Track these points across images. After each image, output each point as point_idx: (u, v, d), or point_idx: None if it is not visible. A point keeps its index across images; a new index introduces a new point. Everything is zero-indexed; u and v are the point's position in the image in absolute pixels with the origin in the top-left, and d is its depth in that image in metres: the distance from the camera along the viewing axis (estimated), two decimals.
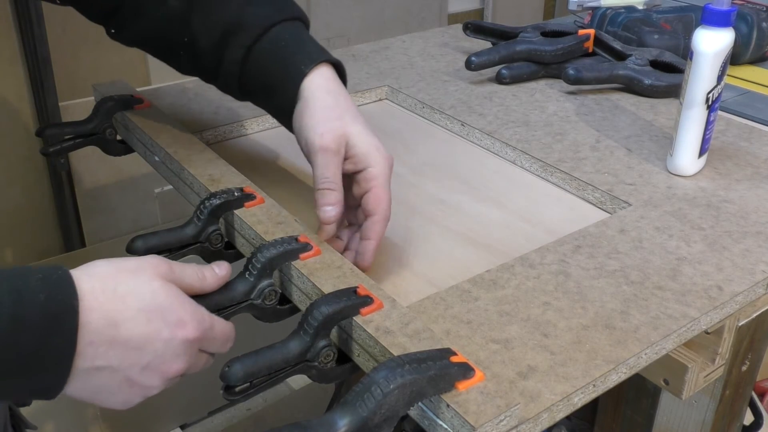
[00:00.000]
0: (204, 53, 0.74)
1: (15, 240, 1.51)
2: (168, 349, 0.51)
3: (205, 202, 0.67)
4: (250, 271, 0.60)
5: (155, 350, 0.51)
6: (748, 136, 0.93)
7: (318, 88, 0.69)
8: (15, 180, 1.48)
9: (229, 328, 0.57)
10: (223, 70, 0.73)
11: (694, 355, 0.69)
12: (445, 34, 1.28)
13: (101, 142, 0.89)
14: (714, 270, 0.67)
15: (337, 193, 0.64)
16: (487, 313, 0.60)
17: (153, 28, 0.76)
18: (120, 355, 0.49)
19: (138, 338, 0.50)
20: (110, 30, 0.79)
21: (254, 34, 0.71)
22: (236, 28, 0.71)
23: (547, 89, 1.06)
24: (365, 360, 0.54)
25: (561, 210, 0.79)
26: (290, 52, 0.70)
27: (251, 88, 0.74)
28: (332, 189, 0.64)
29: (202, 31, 0.73)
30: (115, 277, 0.51)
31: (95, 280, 0.49)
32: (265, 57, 0.71)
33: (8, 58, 1.40)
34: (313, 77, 0.69)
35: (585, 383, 0.53)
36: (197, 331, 0.52)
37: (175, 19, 0.74)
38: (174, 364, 0.52)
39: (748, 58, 1.24)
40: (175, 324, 0.51)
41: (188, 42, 0.74)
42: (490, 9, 2.28)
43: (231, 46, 0.72)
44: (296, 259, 0.61)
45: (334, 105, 0.68)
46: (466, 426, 0.46)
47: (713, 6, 0.76)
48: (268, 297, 0.60)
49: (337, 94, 0.69)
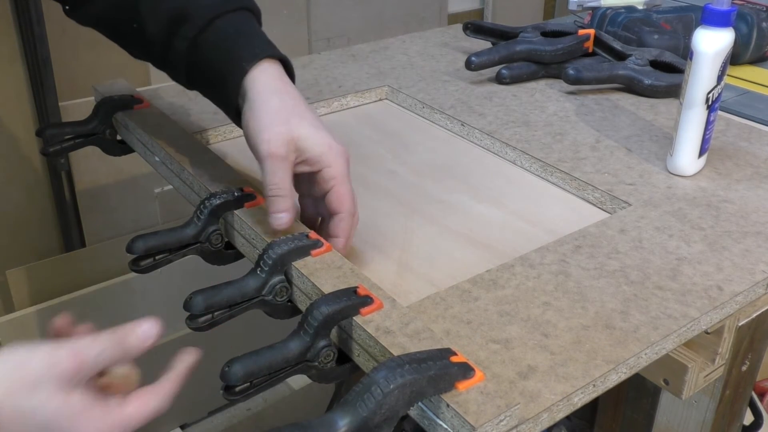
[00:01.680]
0: (152, 40, 0.72)
1: (15, 240, 1.51)
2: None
3: (205, 202, 0.67)
4: (261, 268, 0.60)
5: None
6: (748, 136, 0.93)
7: (263, 88, 0.66)
8: (15, 180, 1.48)
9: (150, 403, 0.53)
10: (171, 60, 0.72)
11: (694, 355, 0.69)
12: (445, 34, 1.28)
13: (101, 142, 0.89)
14: (714, 270, 0.67)
15: (287, 199, 0.63)
16: (487, 313, 0.60)
17: (104, 10, 0.75)
18: None
19: None
20: (65, 7, 0.78)
21: (198, 25, 0.69)
22: (182, 17, 0.69)
23: (547, 89, 1.06)
24: (365, 360, 0.54)
25: (561, 210, 0.79)
26: (234, 45, 0.68)
27: (198, 81, 0.72)
28: (281, 195, 0.63)
29: (150, 18, 0.71)
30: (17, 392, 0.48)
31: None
32: (208, 50, 0.69)
33: (8, 58, 1.40)
34: (255, 74, 0.67)
35: (585, 383, 0.53)
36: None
37: (125, 4, 0.72)
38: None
39: (748, 58, 1.24)
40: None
41: (137, 28, 0.72)
42: (490, 9, 2.28)
43: (176, 36, 0.70)
44: (308, 256, 0.61)
45: (279, 107, 0.65)
46: (466, 426, 0.46)
47: (713, 6, 0.76)
48: (279, 293, 0.60)
49: (282, 92, 0.67)
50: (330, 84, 1.06)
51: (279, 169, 0.63)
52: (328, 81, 1.07)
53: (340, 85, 1.06)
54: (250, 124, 0.65)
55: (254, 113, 0.65)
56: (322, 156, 0.64)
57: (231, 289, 0.58)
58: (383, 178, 0.85)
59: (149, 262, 0.66)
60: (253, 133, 0.65)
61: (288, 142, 0.63)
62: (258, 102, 0.65)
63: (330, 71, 1.10)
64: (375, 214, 0.78)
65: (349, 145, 0.69)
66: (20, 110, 1.44)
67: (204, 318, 0.57)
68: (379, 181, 0.84)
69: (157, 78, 1.57)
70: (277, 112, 0.65)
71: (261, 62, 0.67)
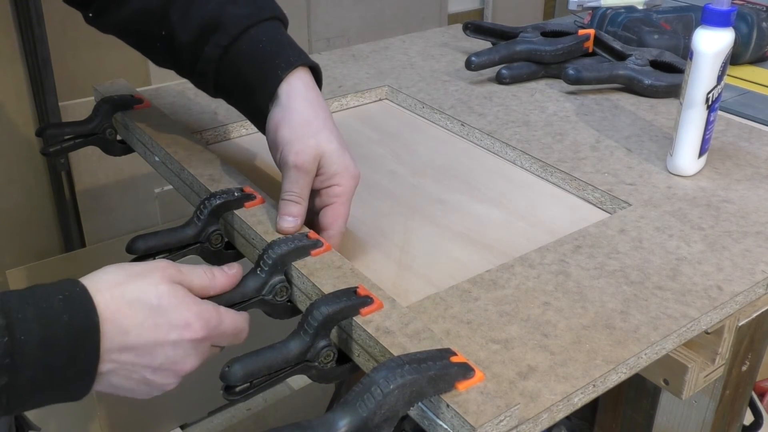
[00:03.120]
0: (181, 48, 0.73)
1: (15, 240, 1.51)
2: (177, 351, 0.53)
3: (205, 202, 0.67)
4: (261, 267, 0.60)
5: (165, 353, 0.53)
6: (748, 136, 0.93)
7: (297, 96, 0.68)
8: (15, 180, 1.48)
9: (241, 319, 0.58)
10: (199, 67, 0.73)
11: (694, 355, 0.69)
12: (445, 34, 1.28)
13: (101, 142, 0.89)
14: (714, 270, 0.67)
15: (300, 207, 0.66)
16: (487, 313, 0.60)
17: (132, 18, 0.75)
18: (132, 359, 0.52)
19: (147, 343, 0.52)
20: (88, 14, 0.79)
21: (232, 34, 0.70)
22: (214, 26, 0.71)
23: (547, 89, 1.06)
24: (365, 360, 0.54)
25: (561, 210, 0.79)
26: (268, 54, 0.70)
27: (227, 88, 0.74)
28: (297, 202, 0.66)
29: (180, 27, 0.72)
30: (124, 283, 0.53)
31: (106, 289, 0.52)
32: (242, 58, 0.71)
33: (8, 58, 1.40)
34: (290, 81, 0.69)
35: (585, 383, 0.53)
36: (204, 331, 0.54)
37: (154, 12, 0.73)
38: (185, 364, 0.54)
39: (748, 58, 1.24)
40: (182, 326, 0.53)
41: (166, 35, 0.73)
42: (490, 9, 2.28)
43: (208, 44, 0.71)
44: (307, 255, 0.61)
45: (311, 118, 0.68)
46: (466, 426, 0.46)
47: (713, 6, 0.76)
48: (279, 293, 0.60)
49: (316, 104, 0.69)
50: (330, 84, 1.06)
51: (301, 180, 0.66)
52: (328, 81, 1.06)
53: (340, 85, 1.06)
54: (281, 131, 0.67)
55: (287, 121, 0.67)
56: (337, 175, 0.67)
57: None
58: (383, 178, 0.85)
59: None
60: (282, 140, 0.67)
61: (315, 157, 0.66)
62: (292, 110, 0.68)
63: (330, 71, 1.10)
64: (375, 214, 0.78)
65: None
66: (20, 110, 1.44)
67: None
68: (379, 181, 0.84)
69: (157, 78, 1.57)
70: (309, 123, 0.67)
71: (295, 70, 0.69)
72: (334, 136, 0.68)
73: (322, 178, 0.67)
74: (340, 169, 0.67)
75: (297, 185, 0.66)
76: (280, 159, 0.67)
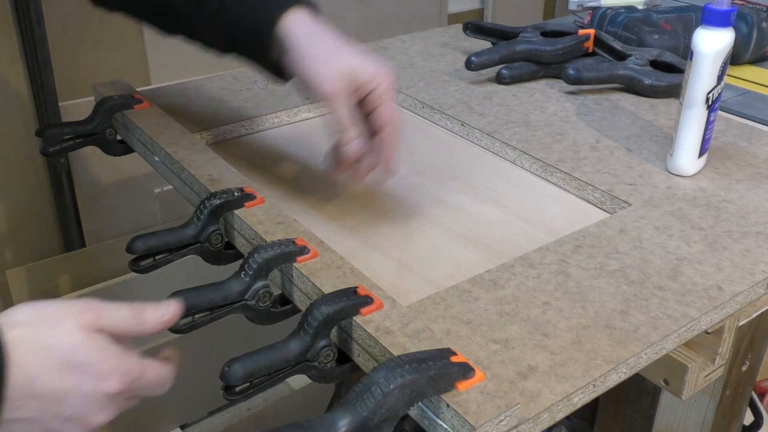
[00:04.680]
0: (181, 10, 0.75)
1: (15, 240, 1.51)
2: (89, 403, 0.50)
3: (205, 202, 0.67)
4: (245, 271, 0.60)
5: (76, 404, 0.50)
6: (748, 136, 0.93)
7: (301, 33, 0.70)
8: (15, 180, 1.48)
9: (164, 371, 0.54)
10: (203, 27, 0.74)
11: (694, 355, 0.69)
12: (445, 34, 1.28)
13: (101, 142, 0.89)
14: (714, 270, 0.67)
15: (354, 128, 0.68)
16: (487, 313, 0.60)
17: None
18: (39, 407, 0.49)
19: (56, 392, 0.49)
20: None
21: None
22: None
23: (547, 89, 1.06)
24: (365, 360, 0.54)
25: (561, 210, 0.79)
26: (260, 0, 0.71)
27: (231, 43, 0.75)
28: (348, 126, 0.68)
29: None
30: (36, 327, 0.49)
31: (17, 330, 0.48)
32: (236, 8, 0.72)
33: (8, 58, 1.40)
34: (287, 23, 0.70)
35: (585, 383, 0.53)
36: (121, 384, 0.51)
37: None
38: (97, 416, 0.51)
39: (748, 58, 1.24)
40: (96, 378, 0.50)
41: (166, 1, 0.75)
42: (490, 9, 2.28)
43: (204, 1, 0.73)
44: (293, 262, 0.61)
45: (323, 47, 0.69)
46: (466, 426, 0.46)
47: (713, 6, 0.76)
48: (262, 298, 0.60)
49: (320, 33, 0.70)
50: None
51: (340, 104, 0.68)
52: None
53: None
54: (300, 71, 0.69)
55: (302, 60, 0.69)
56: (372, 79, 0.70)
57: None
58: None
59: (149, 262, 0.66)
60: (306, 79, 0.69)
61: (342, 76, 0.68)
62: (301, 48, 0.69)
63: None
64: (375, 213, 0.78)
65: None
66: (20, 110, 1.44)
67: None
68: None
69: (157, 78, 1.57)
70: (322, 53, 0.69)
71: (289, 10, 0.70)
72: (350, 50, 0.69)
73: (359, 90, 0.69)
74: (372, 72, 0.69)
75: (338, 110, 0.68)
76: (313, 95, 0.69)
